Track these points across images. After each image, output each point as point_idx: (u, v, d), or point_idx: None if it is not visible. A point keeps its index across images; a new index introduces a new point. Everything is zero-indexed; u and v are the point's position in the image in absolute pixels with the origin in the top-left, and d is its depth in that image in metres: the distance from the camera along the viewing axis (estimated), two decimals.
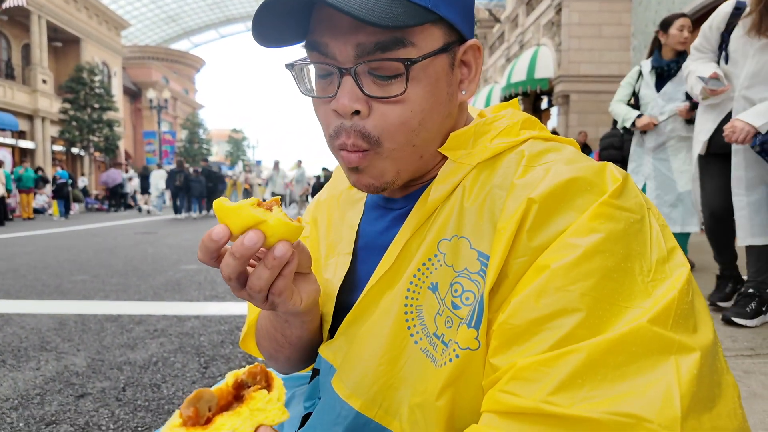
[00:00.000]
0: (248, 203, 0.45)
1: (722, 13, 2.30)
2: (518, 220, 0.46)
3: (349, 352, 0.57)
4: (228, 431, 0.31)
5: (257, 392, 0.34)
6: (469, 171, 0.54)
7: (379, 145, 0.51)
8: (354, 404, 0.54)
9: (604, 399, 0.38)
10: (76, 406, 1.80)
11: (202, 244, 0.46)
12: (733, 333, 2.27)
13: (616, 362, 0.39)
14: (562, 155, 0.51)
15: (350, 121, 0.51)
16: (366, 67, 0.50)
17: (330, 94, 0.52)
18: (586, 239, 0.43)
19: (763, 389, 1.65)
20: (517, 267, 0.46)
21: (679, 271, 0.44)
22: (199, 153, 36.48)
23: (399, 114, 0.50)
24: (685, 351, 0.39)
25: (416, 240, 0.55)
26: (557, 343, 0.41)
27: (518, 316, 0.43)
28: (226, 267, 0.47)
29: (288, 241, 0.47)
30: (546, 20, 10.61)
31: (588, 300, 0.41)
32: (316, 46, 0.51)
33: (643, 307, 0.41)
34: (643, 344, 0.39)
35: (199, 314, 3.08)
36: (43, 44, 22.23)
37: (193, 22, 46.55)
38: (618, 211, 0.45)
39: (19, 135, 21.07)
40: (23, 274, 4.48)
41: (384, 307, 0.55)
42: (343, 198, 0.69)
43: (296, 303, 0.53)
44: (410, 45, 0.49)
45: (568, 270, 0.42)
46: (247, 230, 0.45)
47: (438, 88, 0.52)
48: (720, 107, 2.30)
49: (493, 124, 0.57)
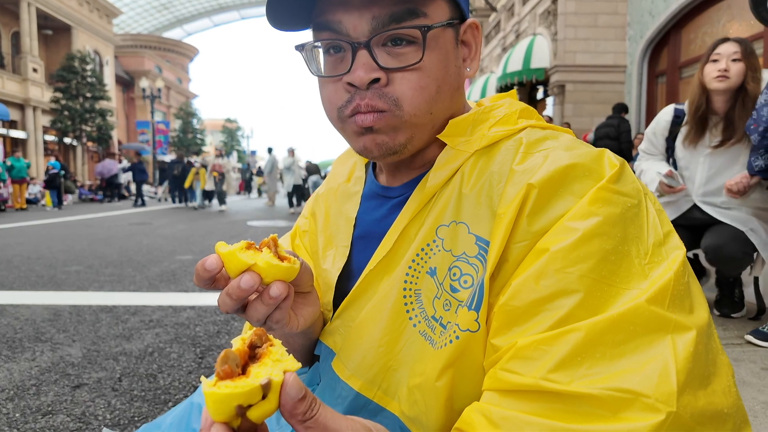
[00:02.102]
0: (238, 247, 0.47)
1: (663, 122, 2.41)
2: (518, 206, 0.47)
3: (349, 336, 0.58)
4: (265, 377, 0.34)
5: (270, 347, 0.37)
6: (467, 158, 0.55)
7: (399, 107, 0.52)
8: (354, 385, 0.56)
9: (603, 376, 0.39)
10: (72, 397, 1.80)
11: (196, 272, 0.48)
12: (724, 322, 2.30)
13: (614, 340, 0.40)
14: (560, 142, 0.52)
15: (365, 90, 0.51)
16: (380, 39, 0.51)
17: (342, 72, 0.52)
18: (585, 223, 0.44)
19: (752, 377, 1.68)
20: (518, 251, 0.47)
21: (675, 254, 0.45)
22: (193, 143, 36.21)
23: (418, 80, 0.52)
24: (682, 330, 0.40)
25: (415, 225, 0.56)
26: (557, 323, 0.42)
27: (519, 297, 0.44)
28: (223, 304, 0.48)
29: (284, 282, 0.48)
30: (542, 9, 10.55)
31: (587, 281, 0.42)
32: (327, 25, 0.52)
33: (640, 288, 0.42)
34: (640, 323, 0.40)
35: (195, 305, 3.08)
36: (33, 32, 21.88)
37: (186, 10, 45.91)
38: (616, 196, 0.46)
39: (10, 125, 20.82)
40: (16, 265, 4.45)
41: (383, 292, 0.56)
42: (340, 191, 0.70)
43: (293, 328, 0.55)
44: (422, 15, 0.51)
45: (567, 252, 0.43)
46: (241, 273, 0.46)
47: (448, 59, 0.54)
48: (677, 204, 2.36)
49: (491, 113, 0.57)
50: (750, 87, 2.12)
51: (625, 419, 0.37)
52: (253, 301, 0.49)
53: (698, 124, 2.23)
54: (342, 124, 0.55)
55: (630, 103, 9.22)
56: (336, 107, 0.54)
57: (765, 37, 6.24)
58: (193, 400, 0.74)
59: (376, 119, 0.52)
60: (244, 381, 0.34)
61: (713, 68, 2.17)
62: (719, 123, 2.20)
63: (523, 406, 0.41)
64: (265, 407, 0.34)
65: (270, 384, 0.34)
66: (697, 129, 2.23)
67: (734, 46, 2.15)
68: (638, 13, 9.09)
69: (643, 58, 9.01)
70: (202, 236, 6.70)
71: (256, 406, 0.34)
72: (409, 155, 0.57)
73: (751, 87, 2.12)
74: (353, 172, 0.70)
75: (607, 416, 0.37)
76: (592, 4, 9.47)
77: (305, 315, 0.56)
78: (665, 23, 8.21)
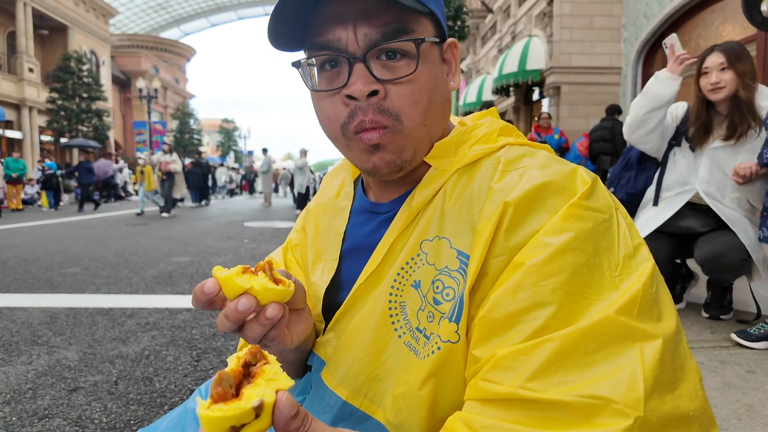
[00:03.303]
0: (235, 272, 0.49)
1: (676, 116, 2.45)
2: (495, 222, 0.50)
3: (338, 346, 0.61)
4: (257, 398, 0.36)
5: (264, 366, 0.39)
6: (449, 176, 0.58)
7: (399, 121, 0.55)
8: (341, 394, 0.58)
9: (576, 384, 0.41)
10: (69, 400, 1.82)
11: (194, 294, 0.50)
12: (712, 325, 2.34)
13: (586, 350, 0.43)
14: (536, 160, 0.55)
15: (366, 102, 0.54)
16: (375, 53, 0.54)
17: (339, 85, 0.55)
18: (558, 238, 0.47)
19: (737, 379, 1.71)
20: (496, 265, 0.49)
21: (644, 266, 0.48)
22: (190, 143, 36.15)
23: (410, 92, 0.54)
24: (649, 338, 0.43)
25: (401, 241, 0.59)
26: (533, 333, 0.44)
27: (497, 310, 0.47)
28: (221, 325, 0.50)
29: (279, 303, 0.50)
30: (538, 11, 10.59)
31: (560, 294, 0.45)
32: (325, 44, 0.55)
33: (610, 299, 0.45)
34: (610, 333, 0.43)
35: (191, 307, 3.10)
36: (29, 32, 21.82)
37: (183, 10, 45.81)
38: (587, 212, 0.49)
39: (6, 125, 20.75)
40: (12, 267, 4.46)
41: (370, 304, 0.58)
42: (330, 206, 0.72)
43: (287, 344, 0.57)
44: (411, 32, 0.54)
45: (541, 267, 0.46)
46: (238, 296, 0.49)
47: (436, 73, 0.57)
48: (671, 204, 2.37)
49: (472, 133, 0.60)
50: (741, 94, 2.15)
51: (596, 425, 0.40)
52: (250, 322, 0.51)
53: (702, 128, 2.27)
54: (348, 142, 0.57)
55: (625, 104, 9.27)
56: (339, 124, 0.56)
57: (758, 39, 6.29)
58: (188, 406, 0.76)
59: (382, 135, 0.55)
60: (236, 404, 0.36)
61: (706, 81, 2.23)
62: (723, 122, 2.24)
63: (503, 414, 0.43)
64: (258, 426, 0.36)
65: (262, 405, 0.36)
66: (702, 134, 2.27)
67: (720, 57, 2.20)
68: (633, 16, 9.15)
69: (638, 60, 9.06)
70: (198, 237, 6.71)
71: (249, 425, 0.36)
72: (412, 169, 0.60)
73: (742, 94, 2.15)
74: (342, 188, 0.73)
75: (580, 422, 0.40)
76: (587, 7, 9.51)
77: (298, 331, 0.59)
78: (660, 25, 8.26)
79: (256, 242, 6.22)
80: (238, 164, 36.58)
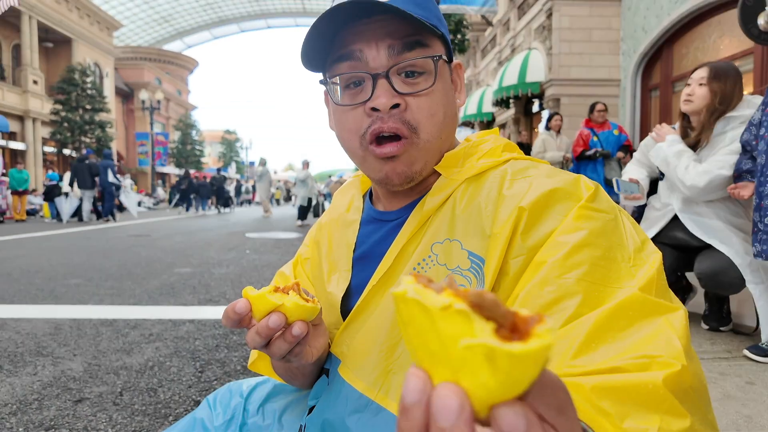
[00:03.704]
0: (267, 290, 0.54)
1: None
2: (512, 226, 0.55)
3: (353, 344, 0.65)
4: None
5: None
6: (459, 185, 0.63)
7: (417, 134, 0.60)
8: (357, 386, 0.62)
9: (619, 352, 0.44)
10: (74, 411, 1.84)
11: (226, 313, 0.54)
12: (712, 336, 2.35)
13: (619, 325, 0.46)
14: (541, 170, 0.60)
15: (388, 114, 0.59)
16: (396, 70, 0.59)
17: (362, 100, 0.60)
18: (573, 236, 0.52)
19: (737, 391, 1.73)
20: (516, 265, 0.54)
21: (653, 257, 0.52)
22: (192, 154, 36.30)
23: (429, 106, 0.60)
24: (672, 310, 0.47)
25: (412, 244, 0.63)
26: (566, 321, 0.48)
27: (527, 305, 0.51)
28: (252, 341, 0.54)
29: (304, 321, 0.55)
30: (537, 24, 10.72)
31: (584, 284, 0.49)
32: (349, 55, 0.60)
33: (630, 286, 0.49)
34: (638, 308, 0.47)
35: (194, 318, 3.12)
36: (34, 45, 22.07)
37: (186, 23, 46.32)
38: (595, 212, 0.54)
39: (9, 136, 20.89)
40: (16, 278, 4.48)
41: (384, 304, 0.62)
42: (341, 220, 0.77)
43: (308, 358, 0.61)
44: (427, 47, 0.61)
45: (562, 262, 0.50)
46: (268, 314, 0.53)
47: (447, 89, 0.64)
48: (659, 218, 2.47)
49: (478, 147, 0.66)
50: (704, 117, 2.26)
51: None
52: (276, 339, 0.55)
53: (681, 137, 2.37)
54: (364, 153, 0.62)
55: (624, 116, 9.35)
56: (358, 135, 0.62)
57: (755, 52, 6.36)
58: (196, 416, 0.79)
59: (398, 147, 0.60)
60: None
61: (685, 91, 2.35)
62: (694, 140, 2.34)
63: None
64: None
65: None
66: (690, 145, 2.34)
67: (703, 72, 2.31)
68: (631, 29, 9.25)
69: (637, 73, 9.15)
70: (200, 248, 6.73)
71: None
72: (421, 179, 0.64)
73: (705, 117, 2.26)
74: (352, 203, 0.78)
75: None
76: (586, 20, 9.63)
77: (317, 346, 0.63)
78: (658, 38, 8.36)
79: (258, 253, 6.24)
80: (240, 175, 36.73)
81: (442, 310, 0.22)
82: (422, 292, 0.23)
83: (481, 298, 0.22)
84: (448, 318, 0.22)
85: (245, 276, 4.61)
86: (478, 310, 0.22)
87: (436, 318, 0.22)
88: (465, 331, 0.21)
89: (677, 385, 0.41)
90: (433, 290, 0.23)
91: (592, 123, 5.69)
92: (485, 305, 0.22)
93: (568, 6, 9.68)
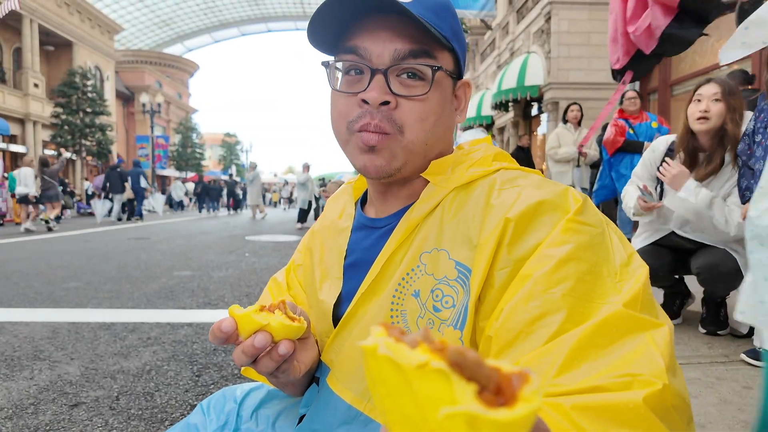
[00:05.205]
0: (253, 309, 0.54)
1: (658, 151, 2.50)
2: (498, 237, 0.54)
3: (342, 353, 0.64)
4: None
5: None
6: (447, 193, 0.62)
7: (401, 133, 0.60)
8: (346, 397, 0.62)
9: (601, 370, 0.44)
10: (70, 416, 1.84)
11: (212, 332, 0.54)
12: (709, 341, 2.35)
13: (602, 342, 0.46)
14: (530, 181, 0.59)
15: (377, 109, 0.60)
16: (396, 70, 0.60)
17: (358, 90, 0.61)
18: (560, 249, 0.51)
19: (734, 395, 1.72)
20: (501, 277, 0.53)
21: (639, 271, 0.52)
22: (193, 157, 36.33)
23: (420, 111, 0.60)
24: (656, 326, 0.47)
25: (400, 252, 0.63)
26: (550, 337, 0.48)
27: (512, 320, 0.50)
28: (238, 359, 0.55)
29: (290, 340, 0.55)
30: (536, 28, 10.76)
31: (569, 299, 0.49)
32: (355, 49, 0.61)
33: (614, 302, 0.49)
34: (621, 325, 0.47)
35: (192, 322, 3.11)
36: (35, 48, 22.12)
37: (186, 26, 46.43)
38: (582, 226, 0.54)
39: (10, 139, 20.92)
40: (15, 281, 4.48)
41: (372, 313, 0.62)
42: (333, 227, 0.77)
43: (296, 374, 0.62)
44: (434, 58, 0.61)
45: (548, 276, 0.50)
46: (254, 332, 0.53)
47: (445, 101, 0.63)
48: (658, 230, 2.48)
49: (469, 155, 0.66)
50: (729, 128, 2.19)
51: None
52: (263, 357, 0.56)
53: (689, 157, 2.31)
54: (348, 137, 0.63)
55: None
56: (346, 120, 0.62)
57: (753, 57, 6.38)
58: (190, 421, 0.79)
59: (379, 140, 0.60)
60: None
61: (695, 109, 2.25)
62: (704, 161, 2.28)
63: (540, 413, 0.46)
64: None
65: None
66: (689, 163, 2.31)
67: (714, 87, 2.23)
68: None
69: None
70: (199, 251, 6.73)
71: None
72: (401, 179, 0.64)
73: (730, 128, 2.18)
74: (344, 210, 0.77)
75: None
76: (584, 24, 9.67)
77: (305, 360, 0.63)
78: None
79: (257, 256, 6.24)
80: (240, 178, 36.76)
81: (418, 369, 0.19)
82: (394, 347, 0.20)
83: (462, 356, 0.20)
84: (425, 378, 0.19)
85: (244, 279, 4.61)
86: (458, 370, 0.20)
87: (412, 378, 0.19)
88: (444, 394, 0.19)
89: (658, 404, 0.41)
90: (407, 344, 0.21)
91: (627, 114, 4.73)
92: (466, 365, 0.20)
93: (566, 10, 9.72)
